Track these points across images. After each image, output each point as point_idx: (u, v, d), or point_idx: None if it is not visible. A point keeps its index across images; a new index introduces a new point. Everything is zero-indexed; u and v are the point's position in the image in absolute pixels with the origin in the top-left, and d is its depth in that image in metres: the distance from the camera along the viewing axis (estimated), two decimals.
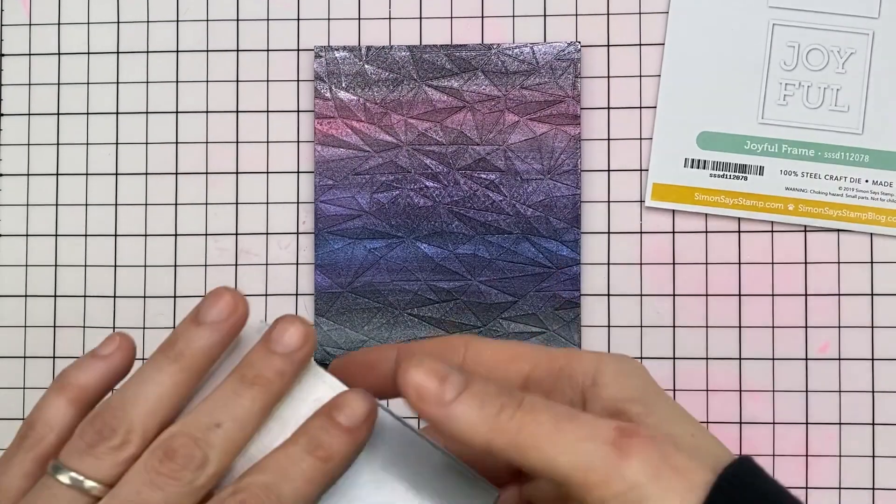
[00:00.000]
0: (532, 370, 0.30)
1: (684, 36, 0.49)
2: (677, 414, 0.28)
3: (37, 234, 0.51)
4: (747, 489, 0.26)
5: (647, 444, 0.25)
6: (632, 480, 0.25)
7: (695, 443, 0.27)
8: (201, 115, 0.50)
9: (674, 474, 0.25)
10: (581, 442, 0.25)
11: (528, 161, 0.49)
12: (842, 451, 0.48)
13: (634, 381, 0.28)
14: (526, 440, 0.26)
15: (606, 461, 0.25)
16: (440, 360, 0.28)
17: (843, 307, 0.48)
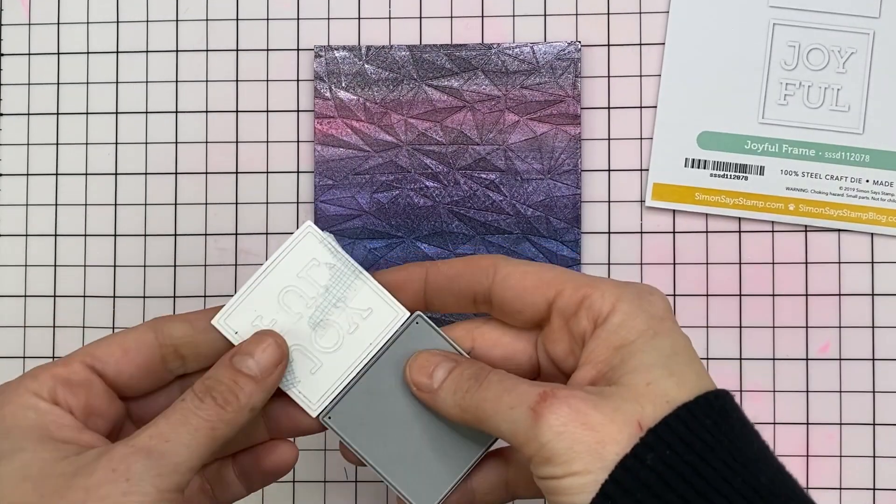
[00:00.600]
0: (556, 297, 0.32)
1: (685, 35, 0.49)
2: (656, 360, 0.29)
3: (36, 234, 0.50)
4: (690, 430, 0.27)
5: (559, 405, 0.28)
6: (541, 440, 0.28)
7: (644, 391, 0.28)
8: (201, 115, 0.50)
9: (584, 430, 0.27)
10: (512, 410, 0.29)
11: (529, 161, 0.49)
12: (842, 452, 0.48)
13: (638, 322, 0.30)
14: (481, 414, 0.30)
15: (526, 423, 0.28)
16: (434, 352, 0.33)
17: (843, 307, 0.48)
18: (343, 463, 0.49)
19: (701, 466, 0.27)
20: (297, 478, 0.49)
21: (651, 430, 0.27)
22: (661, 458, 0.27)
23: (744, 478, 0.27)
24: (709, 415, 0.28)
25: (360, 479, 0.49)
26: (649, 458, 0.27)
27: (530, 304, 0.33)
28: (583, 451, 0.27)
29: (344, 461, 0.49)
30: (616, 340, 0.30)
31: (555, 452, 0.27)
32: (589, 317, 0.31)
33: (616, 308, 0.31)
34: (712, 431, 0.28)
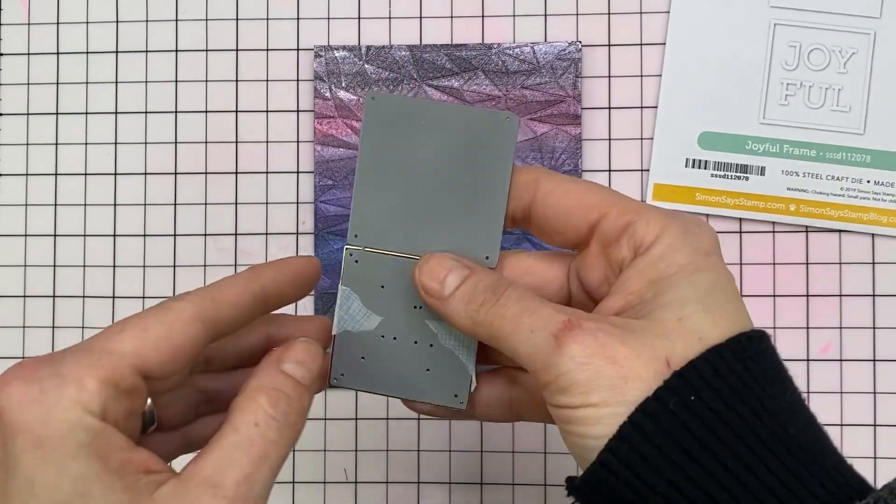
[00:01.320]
0: (600, 221, 0.30)
1: (685, 36, 0.48)
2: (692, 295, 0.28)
3: (35, 235, 0.50)
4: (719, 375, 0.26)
5: (584, 336, 0.27)
6: (564, 367, 0.26)
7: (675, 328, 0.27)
8: (200, 115, 0.50)
9: (607, 363, 0.26)
10: (532, 333, 0.27)
11: (529, 161, 0.48)
12: (843, 453, 0.48)
13: (680, 255, 0.28)
14: (497, 331, 0.28)
15: (546, 349, 0.27)
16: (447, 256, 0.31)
17: (844, 308, 0.48)
18: (343, 463, 0.49)
19: (727, 414, 0.25)
20: (296, 478, 0.49)
21: (676, 373, 0.26)
22: (684, 403, 0.25)
23: (772, 429, 0.26)
24: (740, 359, 0.26)
25: (360, 479, 0.49)
26: (672, 403, 0.25)
27: (571, 225, 0.31)
28: (604, 384, 0.26)
29: (344, 461, 0.49)
30: (653, 273, 0.28)
31: (574, 382, 0.26)
32: (630, 245, 0.29)
33: (660, 239, 0.29)
34: (742, 377, 0.26)
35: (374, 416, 0.49)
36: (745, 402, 0.26)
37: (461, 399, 0.33)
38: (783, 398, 0.27)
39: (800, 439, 0.26)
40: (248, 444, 0.27)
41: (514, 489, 0.48)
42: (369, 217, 0.32)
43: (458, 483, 0.49)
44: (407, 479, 0.49)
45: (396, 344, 0.33)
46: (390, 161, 0.32)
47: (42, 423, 0.25)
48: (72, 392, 0.26)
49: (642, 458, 0.25)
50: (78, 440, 0.25)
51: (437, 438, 0.49)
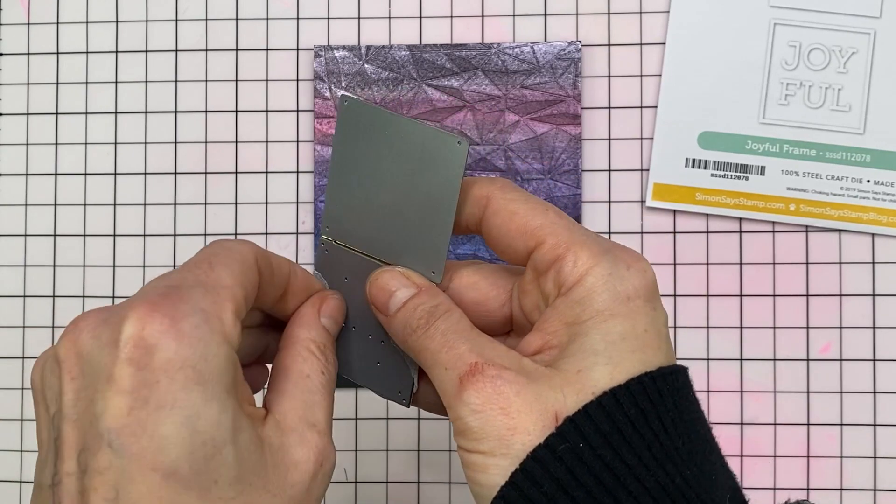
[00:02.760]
0: (536, 248, 0.30)
1: (685, 35, 0.48)
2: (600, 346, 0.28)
3: (35, 234, 0.50)
4: (591, 435, 0.26)
5: (483, 383, 0.28)
6: (458, 412, 0.28)
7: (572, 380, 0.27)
8: (200, 115, 0.50)
9: (499, 414, 0.27)
10: (445, 371, 0.29)
11: (529, 161, 0.48)
12: (843, 453, 0.48)
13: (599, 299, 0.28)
14: (422, 360, 0.30)
15: (451, 391, 0.28)
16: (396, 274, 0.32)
17: (844, 308, 0.48)
18: (343, 463, 0.49)
19: (613, 462, 0.26)
20: None
21: (569, 419, 0.26)
22: (572, 449, 0.26)
23: (657, 477, 0.26)
24: (636, 403, 0.27)
25: (360, 479, 0.49)
26: (561, 449, 0.26)
27: (512, 248, 0.31)
28: (493, 434, 0.27)
29: (344, 461, 0.49)
30: (570, 317, 0.28)
31: (468, 427, 0.27)
32: (555, 282, 0.29)
33: (582, 281, 0.28)
34: (636, 421, 0.26)
35: (374, 416, 0.49)
36: (634, 449, 0.26)
37: (404, 397, 0.34)
38: (681, 441, 0.27)
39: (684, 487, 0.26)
40: (321, 388, 0.30)
41: None
42: (338, 214, 0.34)
43: (458, 483, 0.49)
44: (407, 479, 0.49)
45: (355, 334, 0.34)
46: (359, 164, 0.33)
47: (202, 358, 0.25)
48: (218, 326, 0.26)
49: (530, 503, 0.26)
50: (231, 375, 0.26)
51: (437, 438, 0.49)
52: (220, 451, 0.25)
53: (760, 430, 0.48)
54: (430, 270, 0.33)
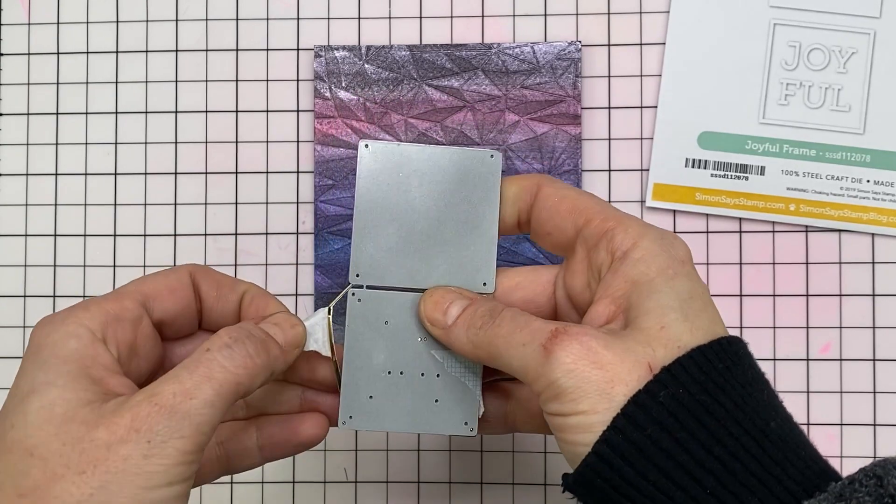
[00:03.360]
0: (584, 225, 0.32)
1: (685, 35, 0.48)
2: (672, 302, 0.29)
3: (36, 234, 0.50)
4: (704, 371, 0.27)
5: (571, 342, 0.28)
6: (553, 375, 0.28)
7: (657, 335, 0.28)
8: (200, 115, 0.50)
9: (594, 368, 0.28)
10: (524, 346, 0.29)
11: (529, 161, 0.48)
12: (843, 452, 0.48)
13: (658, 261, 0.30)
14: (494, 350, 0.30)
15: (536, 360, 0.28)
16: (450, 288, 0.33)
17: (844, 308, 0.48)
18: (343, 463, 0.49)
19: (713, 406, 0.27)
20: (297, 478, 0.49)
21: (665, 369, 0.27)
22: (673, 395, 0.27)
23: (754, 421, 0.27)
24: (721, 359, 0.28)
25: (360, 479, 0.49)
26: (662, 395, 0.27)
27: (560, 227, 0.33)
28: (591, 390, 0.27)
29: (344, 461, 0.49)
30: (634, 275, 0.30)
31: (563, 390, 0.28)
32: (609, 249, 0.31)
33: (637, 244, 0.30)
34: (724, 375, 0.28)
35: None
36: (729, 396, 0.27)
37: (471, 426, 0.34)
38: (762, 396, 0.28)
39: (779, 432, 0.28)
40: (193, 363, 0.29)
41: (514, 489, 0.48)
42: (369, 256, 0.34)
43: (457, 483, 0.49)
44: (407, 479, 0.49)
45: (403, 378, 0.34)
46: (386, 202, 0.34)
47: (45, 335, 0.30)
48: (77, 314, 0.31)
49: (634, 447, 0.27)
50: (68, 346, 0.30)
51: (437, 438, 0.49)
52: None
53: None
54: (481, 282, 0.34)
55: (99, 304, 0.32)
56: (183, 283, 0.34)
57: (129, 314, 0.32)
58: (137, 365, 0.32)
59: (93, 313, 0.31)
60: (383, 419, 0.34)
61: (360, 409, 0.34)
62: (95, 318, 0.31)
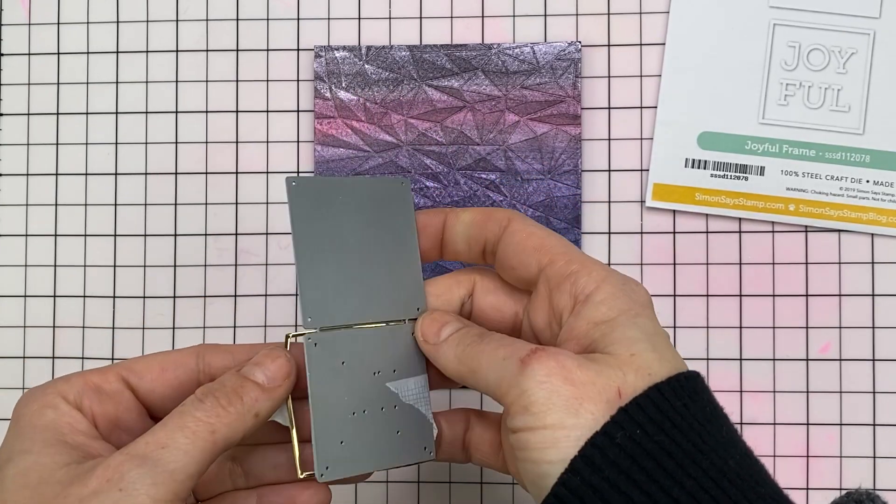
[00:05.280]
0: (548, 265, 0.33)
1: (685, 36, 0.49)
2: (639, 335, 0.30)
3: (36, 235, 0.50)
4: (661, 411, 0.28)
5: (547, 358, 0.29)
6: (523, 386, 0.28)
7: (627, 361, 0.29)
8: (201, 115, 0.50)
9: (565, 384, 0.28)
10: (502, 360, 0.30)
11: (529, 161, 0.48)
12: (843, 452, 0.48)
13: (620, 303, 0.31)
14: (475, 364, 0.31)
15: (512, 372, 0.29)
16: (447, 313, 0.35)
17: (844, 308, 0.48)
18: None
19: (671, 446, 0.27)
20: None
21: (622, 409, 0.27)
22: (631, 436, 0.27)
23: (712, 460, 0.27)
24: (679, 396, 0.28)
25: None
26: (619, 436, 0.27)
27: (524, 262, 0.34)
28: (560, 404, 0.28)
29: None
30: (598, 316, 0.31)
31: (533, 400, 0.28)
32: (571, 292, 0.32)
33: (600, 287, 0.31)
34: (682, 413, 0.28)
35: None
36: (686, 435, 0.27)
37: (430, 450, 0.35)
38: (720, 433, 0.28)
39: (738, 470, 0.27)
40: (167, 419, 0.30)
41: (514, 489, 0.48)
42: (316, 297, 0.33)
43: (457, 482, 0.49)
44: (407, 478, 0.49)
45: (367, 416, 0.34)
46: (322, 238, 0.34)
47: (24, 406, 0.32)
48: (58, 385, 0.32)
49: (592, 489, 0.27)
50: (45, 416, 0.31)
51: None
52: None
53: (760, 429, 0.48)
54: (415, 308, 0.35)
55: (82, 375, 0.33)
56: (178, 363, 0.34)
57: (109, 387, 0.33)
58: (119, 437, 0.33)
59: (72, 384, 0.32)
60: (357, 462, 0.34)
61: (335, 457, 0.33)
62: (74, 388, 0.32)
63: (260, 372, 0.32)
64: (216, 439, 0.30)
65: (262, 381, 0.32)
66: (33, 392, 0.32)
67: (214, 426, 0.30)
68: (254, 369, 0.32)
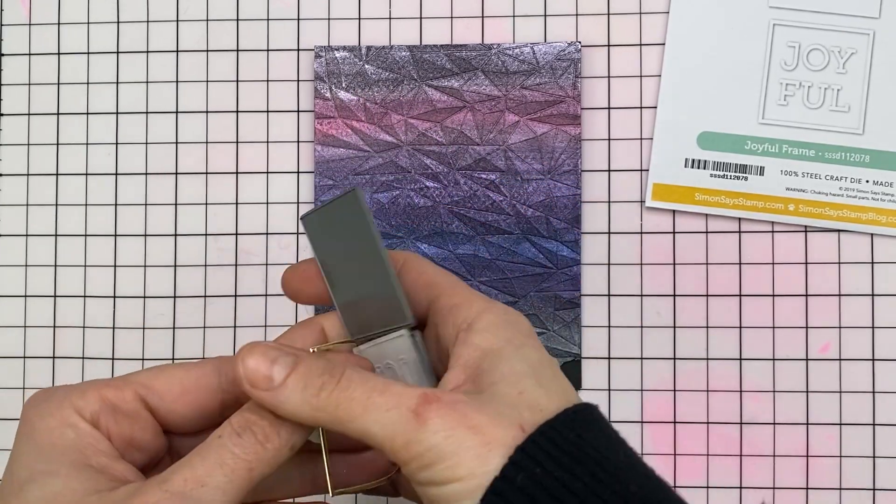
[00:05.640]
0: (435, 299, 0.33)
1: (685, 36, 0.49)
2: (525, 369, 0.29)
3: (36, 235, 0.51)
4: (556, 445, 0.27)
5: (444, 408, 0.27)
6: (428, 442, 0.27)
7: (518, 400, 0.28)
8: (201, 115, 0.50)
9: (470, 433, 0.27)
10: (388, 411, 0.28)
11: (529, 161, 0.49)
12: (842, 452, 0.48)
13: (504, 332, 0.30)
14: (343, 415, 0.28)
15: (407, 426, 0.27)
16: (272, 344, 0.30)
17: (843, 308, 0.48)
18: None
19: (570, 481, 0.26)
20: None
21: (519, 448, 0.27)
22: (530, 476, 0.26)
23: (613, 488, 0.26)
24: (572, 428, 0.28)
25: None
26: (519, 479, 0.26)
27: (416, 300, 0.33)
28: (469, 455, 0.27)
29: None
30: (483, 343, 0.30)
31: (440, 456, 0.27)
32: (454, 324, 0.31)
33: (481, 316, 0.31)
34: (577, 444, 0.27)
35: None
36: (585, 466, 0.27)
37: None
38: (618, 458, 0.28)
39: (641, 494, 0.27)
40: (204, 449, 0.29)
41: None
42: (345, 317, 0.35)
43: None
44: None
45: None
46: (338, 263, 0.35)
47: (38, 418, 0.30)
48: (73, 399, 0.30)
49: None
50: (65, 436, 0.30)
51: None
52: None
53: (760, 429, 0.48)
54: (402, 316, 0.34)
55: (96, 389, 0.31)
56: (201, 384, 0.32)
57: (127, 406, 0.31)
58: (132, 457, 0.32)
59: (88, 399, 0.31)
60: None
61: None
62: (90, 405, 0.30)
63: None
64: (253, 477, 0.29)
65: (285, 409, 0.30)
66: (48, 402, 0.30)
67: (252, 464, 0.29)
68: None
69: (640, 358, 0.48)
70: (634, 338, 0.49)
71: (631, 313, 0.49)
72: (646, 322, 0.49)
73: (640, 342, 0.49)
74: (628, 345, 0.49)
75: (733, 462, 0.48)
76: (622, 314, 0.49)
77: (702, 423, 0.48)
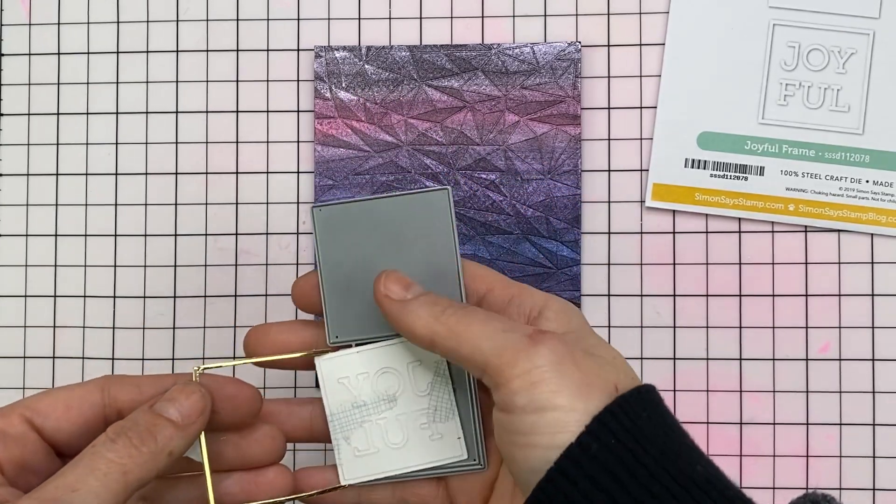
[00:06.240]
0: (488, 292, 0.34)
1: (685, 36, 0.49)
2: (605, 345, 0.32)
3: (36, 235, 0.51)
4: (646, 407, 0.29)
5: (559, 341, 0.29)
6: (536, 361, 0.28)
7: (611, 363, 0.30)
8: (201, 115, 0.50)
9: (576, 369, 0.28)
10: (503, 332, 0.29)
11: (529, 161, 0.49)
12: (842, 452, 0.48)
13: (575, 319, 0.32)
14: (461, 330, 0.30)
15: (519, 345, 0.29)
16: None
17: (843, 308, 0.48)
18: None
19: (643, 456, 0.27)
20: None
21: (596, 418, 0.28)
22: (606, 446, 0.27)
23: (681, 467, 0.27)
24: (644, 406, 0.29)
25: None
26: (595, 448, 0.27)
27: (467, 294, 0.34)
28: (571, 386, 0.28)
29: None
30: (562, 325, 0.32)
31: (544, 378, 0.28)
32: (520, 312, 0.32)
33: (549, 304, 0.32)
34: (648, 423, 0.28)
35: None
36: (655, 444, 0.28)
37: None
38: (684, 441, 0.29)
39: (706, 475, 0.28)
40: (78, 459, 0.29)
41: None
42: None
43: None
44: None
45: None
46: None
47: None
48: None
49: (567, 500, 0.27)
50: None
51: None
52: None
53: (760, 429, 0.48)
54: None
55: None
56: (83, 400, 0.33)
57: (13, 430, 0.31)
58: (27, 480, 0.31)
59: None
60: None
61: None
62: None
63: (174, 409, 0.31)
64: (129, 480, 0.29)
65: (176, 418, 0.31)
66: None
67: (127, 467, 0.29)
68: (167, 406, 0.31)
69: (640, 358, 0.48)
70: (634, 338, 0.49)
71: (631, 313, 0.49)
72: (646, 322, 0.49)
73: (640, 342, 0.49)
74: (628, 345, 0.49)
75: (733, 462, 0.48)
76: (622, 314, 0.49)
77: (702, 423, 0.48)
